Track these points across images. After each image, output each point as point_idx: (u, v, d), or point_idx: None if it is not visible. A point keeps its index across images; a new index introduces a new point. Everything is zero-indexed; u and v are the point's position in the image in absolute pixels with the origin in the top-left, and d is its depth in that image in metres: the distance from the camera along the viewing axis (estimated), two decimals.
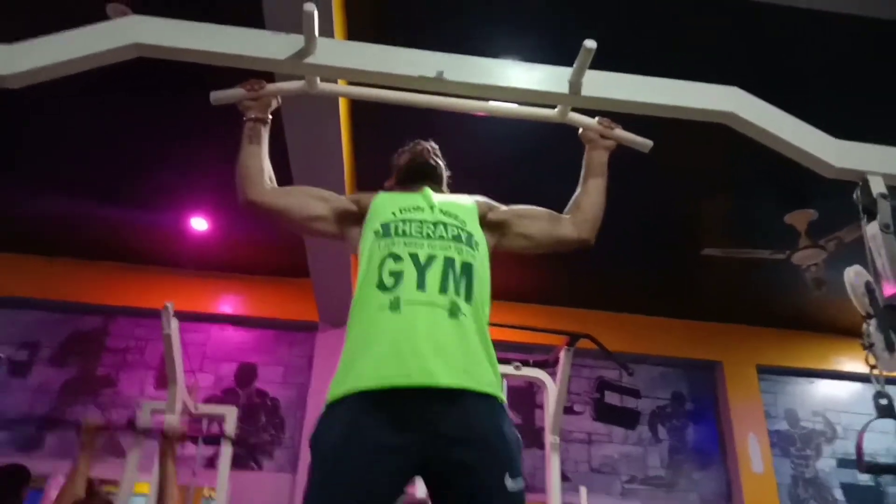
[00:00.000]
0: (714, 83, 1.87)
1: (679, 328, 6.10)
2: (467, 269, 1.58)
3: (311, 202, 1.78)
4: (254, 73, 1.80)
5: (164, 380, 4.69)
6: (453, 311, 1.50)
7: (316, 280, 4.97)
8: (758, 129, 1.83)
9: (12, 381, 5.31)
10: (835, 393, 6.31)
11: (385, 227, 1.62)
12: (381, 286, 1.52)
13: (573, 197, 1.92)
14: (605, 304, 5.89)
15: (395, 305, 1.49)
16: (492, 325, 1.65)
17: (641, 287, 5.70)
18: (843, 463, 6.04)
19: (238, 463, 5.06)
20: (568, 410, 4.89)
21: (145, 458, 4.19)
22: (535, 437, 5.58)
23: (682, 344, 6.08)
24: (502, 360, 4.55)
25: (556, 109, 1.92)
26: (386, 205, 1.71)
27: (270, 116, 1.85)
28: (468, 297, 1.55)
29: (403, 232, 1.60)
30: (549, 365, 4.28)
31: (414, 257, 1.55)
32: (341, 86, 2.30)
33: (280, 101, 1.89)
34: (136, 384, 5.41)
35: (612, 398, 5.97)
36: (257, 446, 5.30)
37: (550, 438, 4.19)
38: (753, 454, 5.70)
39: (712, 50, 3.45)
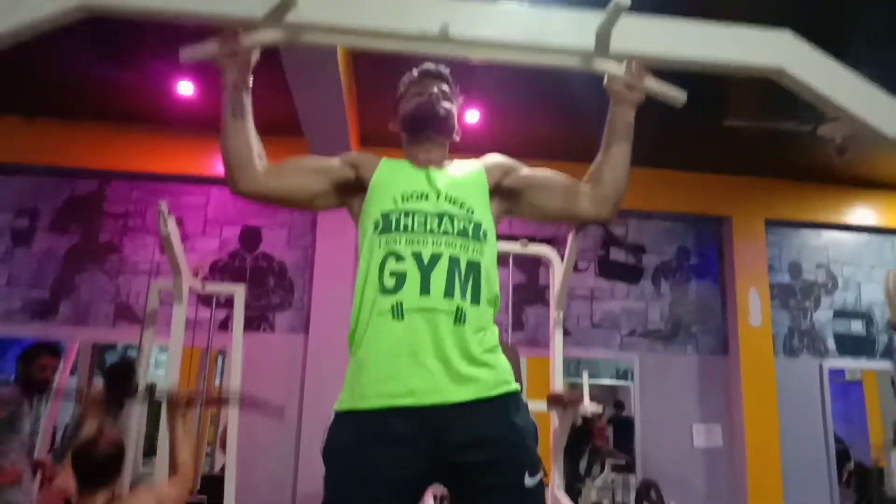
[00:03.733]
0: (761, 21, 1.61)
1: (689, 181, 5.96)
2: (474, 268, 1.50)
3: (308, 180, 1.63)
4: None
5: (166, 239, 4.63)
6: (459, 317, 1.44)
7: (311, 139, 4.77)
8: (810, 89, 1.60)
9: (17, 251, 5.30)
10: (840, 244, 6.32)
11: (386, 218, 1.52)
12: (383, 289, 1.46)
13: (595, 162, 1.72)
14: None
15: (397, 312, 1.44)
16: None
17: (651, 139, 5.46)
18: (839, 314, 6.19)
19: (250, 325, 5.21)
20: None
21: (163, 325, 4.30)
22: (538, 295, 5.68)
23: (692, 198, 5.97)
24: (509, 238, 4.47)
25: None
26: (387, 185, 1.60)
27: (252, 78, 1.60)
28: (475, 298, 1.48)
29: (405, 227, 1.50)
30: (556, 241, 4.23)
31: (417, 257, 1.47)
32: (329, 34, 1.99)
33: (259, 53, 1.63)
34: (140, 250, 5.40)
35: (616, 255, 5.98)
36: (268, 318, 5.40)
37: (554, 314, 4.25)
38: (753, 308, 5.82)
39: None
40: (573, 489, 5.51)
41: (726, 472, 5.69)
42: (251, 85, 1.60)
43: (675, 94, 1.71)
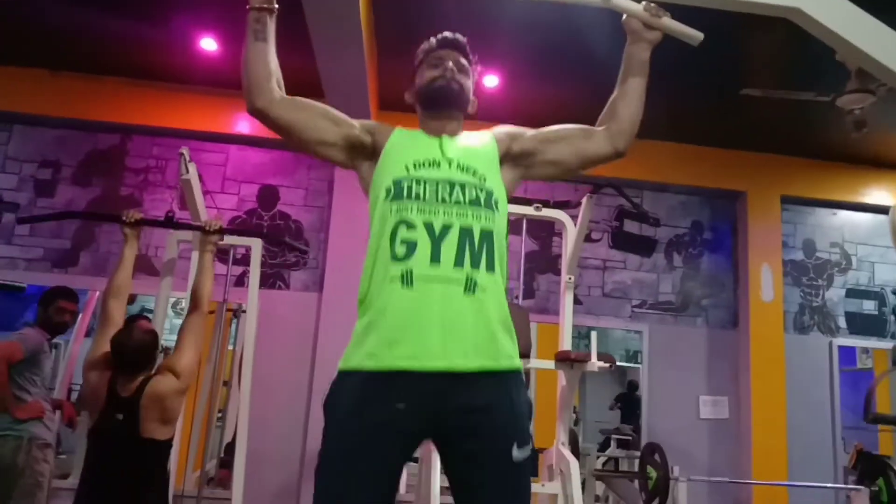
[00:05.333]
0: None
1: (705, 156, 5.94)
2: (487, 236, 1.51)
3: (322, 123, 1.64)
4: None
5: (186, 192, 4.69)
6: (469, 286, 1.45)
7: (331, 100, 4.81)
8: (825, 29, 1.63)
9: (39, 201, 5.40)
10: (855, 224, 6.29)
11: (398, 185, 1.53)
12: (394, 256, 1.47)
13: (610, 99, 1.76)
14: None
15: (407, 279, 1.44)
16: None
17: (669, 113, 5.46)
18: (851, 293, 6.19)
19: (266, 282, 5.31)
20: (585, 238, 4.92)
21: (180, 279, 4.39)
22: (551, 264, 5.72)
23: (708, 173, 5.96)
24: (523, 201, 4.53)
25: None
26: (400, 153, 1.61)
27: (276, 4, 1.64)
28: (489, 267, 1.49)
29: (417, 195, 1.51)
30: (570, 206, 4.27)
31: (428, 226, 1.47)
32: None
33: None
34: (159, 204, 5.47)
35: (630, 226, 6.00)
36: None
37: (566, 278, 4.29)
38: (765, 283, 5.83)
39: None
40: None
41: (731, 444, 5.74)
42: (275, 8, 1.64)
43: (692, 34, 1.74)
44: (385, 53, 4.81)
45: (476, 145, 1.67)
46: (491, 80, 5.06)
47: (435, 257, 1.44)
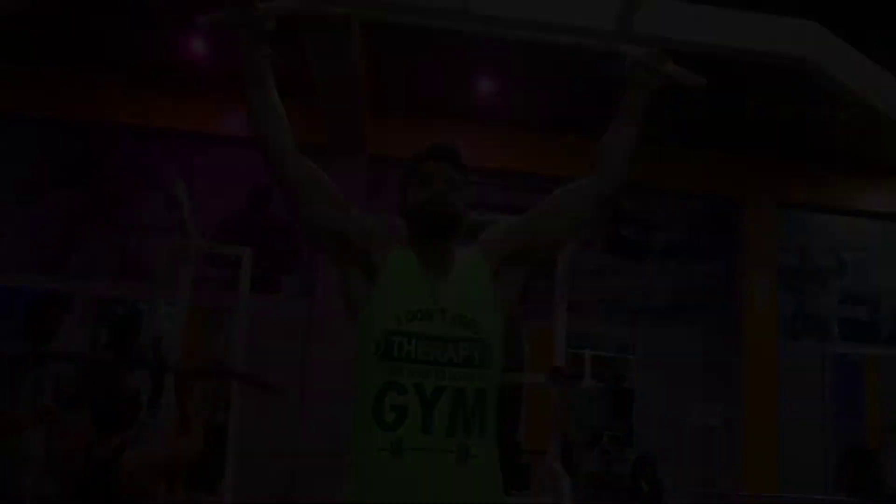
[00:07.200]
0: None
1: (703, 161, 5.88)
2: (480, 396, 1.44)
3: (327, 210, 1.54)
4: None
5: (175, 200, 4.58)
6: (462, 456, 1.39)
7: (323, 102, 4.72)
8: (834, 79, 1.58)
9: (28, 202, 5.29)
10: (851, 230, 6.27)
11: (388, 340, 1.43)
12: (382, 424, 1.39)
13: (602, 139, 1.69)
14: None
15: (397, 450, 1.37)
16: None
17: (668, 118, 5.40)
18: (844, 299, 6.17)
19: (256, 286, 5.23)
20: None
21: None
22: (545, 267, 5.66)
23: (704, 178, 5.90)
24: (516, 212, 4.45)
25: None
26: (393, 296, 1.49)
27: (270, 50, 1.57)
28: (481, 431, 1.43)
29: (408, 354, 1.42)
30: None
31: (419, 389, 1.40)
32: (347, 5, 1.96)
33: (275, 22, 1.60)
34: (150, 206, 5.39)
35: (626, 230, 5.95)
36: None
37: (560, 290, 4.26)
38: (760, 289, 5.79)
39: None
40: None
41: (723, 451, 5.73)
42: (269, 53, 1.57)
43: (694, 79, 1.69)
44: (381, 52, 4.70)
45: (470, 277, 1.55)
46: (488, 84, 4.99)
47: (426, 427, 1.38)
